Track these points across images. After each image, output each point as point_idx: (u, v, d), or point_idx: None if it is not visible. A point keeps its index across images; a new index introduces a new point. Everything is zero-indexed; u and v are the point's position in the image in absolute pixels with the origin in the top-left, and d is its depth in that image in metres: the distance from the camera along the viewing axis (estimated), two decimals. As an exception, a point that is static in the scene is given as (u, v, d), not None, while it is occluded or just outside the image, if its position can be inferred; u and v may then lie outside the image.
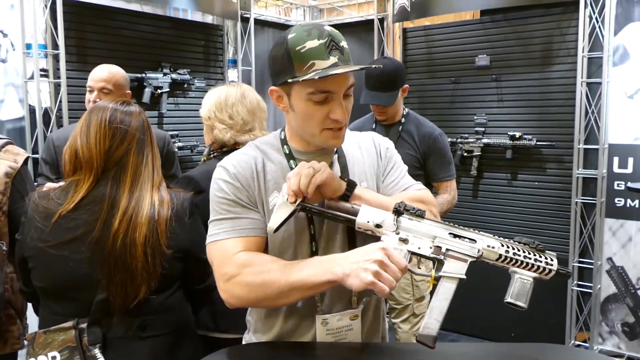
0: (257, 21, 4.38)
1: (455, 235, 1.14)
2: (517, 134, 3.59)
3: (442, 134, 2.60)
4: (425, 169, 2.55)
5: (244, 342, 1.38)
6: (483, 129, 3.79)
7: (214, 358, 1.22)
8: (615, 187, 3.34)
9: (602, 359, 1.47)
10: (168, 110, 3.76)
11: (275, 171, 1.27)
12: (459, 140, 3.84)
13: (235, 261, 1.18)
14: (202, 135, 3.50)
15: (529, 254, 1.13)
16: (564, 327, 3.51)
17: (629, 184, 3.25)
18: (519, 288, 1.10)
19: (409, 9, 3.98)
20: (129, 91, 2.63)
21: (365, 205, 1.17)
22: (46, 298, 1.41)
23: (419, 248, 1.14)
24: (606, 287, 3.43)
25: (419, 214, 1.15)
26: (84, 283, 1.34)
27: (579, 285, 3.47)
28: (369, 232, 1.17)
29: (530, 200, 3.69)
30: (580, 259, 3.47)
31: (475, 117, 3.84)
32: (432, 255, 1.14)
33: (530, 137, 3.56)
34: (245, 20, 4.25)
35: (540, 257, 1.13)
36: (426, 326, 1.07)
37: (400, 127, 2.59)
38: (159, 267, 1.37)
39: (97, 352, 1.31)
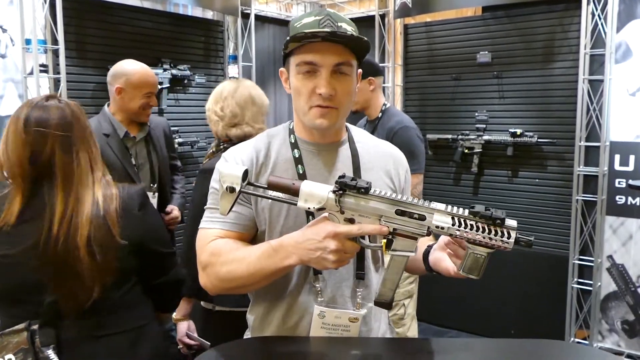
0: (257, 17, 4.36)
1: (403, 213, 1.09)
2: (518, 131, 3.58)
3: (407, 128, 2.55)
4: None
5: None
6: (484, 125, 3.78)
7: (210, 355, 1.21)
8: (617, 185, 3.33)
9: (601, 355, 1.45)
10: (168, 106, 3.75)
11: (277, 164, 1.26)
12: (460, 137, 3.83)
13: (207, 249, 1.22)
14: (202, 132, 3.48)
15: (483, 230, 1.05)
16: (563, 325, 3.49)
17: (630, 182, 3.24)
18: (472, 262, 1.09)
19: (410, 5, 3.96)
20: None
21: (306, 182, 1.10)
22: (1, 302, 1.39)
23: None
24: (606, 284, 3.42)
25: (363, 191, 1.08)
26: (35, 287, 1.32)
27: (579, 283, 3.45)
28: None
29: (531, 197, 3.68)
30: (581, 257, 3.46)
31: (477, 114, 3.82)
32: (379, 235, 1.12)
33: (531, 134, 3.55)
34: (245, 16, 4.23)
35: (497, 233, 1.05)
36: (381, 294, 1.15)
37: (377, 121, 2.66)
38: (113, 261, 1.33)
39: (50, 353, 1.28)
